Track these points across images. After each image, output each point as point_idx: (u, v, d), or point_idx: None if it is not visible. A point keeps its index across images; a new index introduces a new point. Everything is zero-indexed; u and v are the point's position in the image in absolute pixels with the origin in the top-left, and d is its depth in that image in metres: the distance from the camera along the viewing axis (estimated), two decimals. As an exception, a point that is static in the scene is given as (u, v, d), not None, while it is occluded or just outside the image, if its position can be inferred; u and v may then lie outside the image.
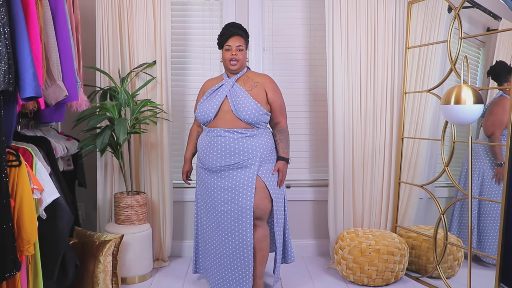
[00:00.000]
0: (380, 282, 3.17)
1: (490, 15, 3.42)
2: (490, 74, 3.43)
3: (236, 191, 2.87)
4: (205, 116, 2.94)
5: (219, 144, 2.88)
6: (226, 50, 2.95)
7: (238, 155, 2.87)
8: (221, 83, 3.00)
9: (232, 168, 2.88)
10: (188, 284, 3.25)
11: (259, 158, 2.88)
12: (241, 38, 2.96)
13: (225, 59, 2.97)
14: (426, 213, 3.86)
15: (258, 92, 2.93)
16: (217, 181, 2.92)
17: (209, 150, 2.92)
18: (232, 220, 2.88)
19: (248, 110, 2.86)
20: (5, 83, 1.94)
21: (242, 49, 2.95)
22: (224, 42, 2.96)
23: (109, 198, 3.52)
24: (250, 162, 2.87)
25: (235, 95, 2.92)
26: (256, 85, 2.96)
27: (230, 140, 2.87)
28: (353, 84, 3.52)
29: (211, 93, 2.99)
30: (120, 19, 3.44)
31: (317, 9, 3.77)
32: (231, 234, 2.88)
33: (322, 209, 3.81)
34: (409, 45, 3.48)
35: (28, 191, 2.15)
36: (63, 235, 2.50)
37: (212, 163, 2.91)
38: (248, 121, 2.88)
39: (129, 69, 3.45)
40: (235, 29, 2.96)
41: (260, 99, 2.92)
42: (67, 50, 2.70)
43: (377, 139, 3.57)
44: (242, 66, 2.99)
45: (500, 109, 3.28)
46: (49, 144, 2.75)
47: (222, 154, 2.88)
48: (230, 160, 2.87)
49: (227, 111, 2.90)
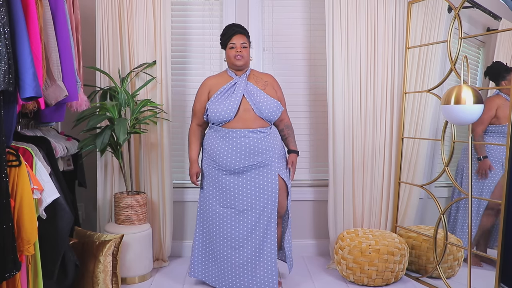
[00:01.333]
0: (380, 282, 3.17)
1: (490, 15, 3.42)
2: (488, 74, 3.45)
3: (261, 191, 2.92)
4: (224, 116, 2.91)
5: (244, 145, 2.91)
6: (230, 48, 3.00)
7: (261, 154, 2.93)
8: (233, 82, 3.01)
9: (254, 167, 2.93)
10: (188, 284, 3.25)
11: (277, 155, 2.99)
12: (244, 36, 3.02)
13: (229, 56, 3.01)
14: (426, 213, 3.86)
15: (270, 90, 3.04)
16: (237, 181, 2.94)
17: (228, 150, 2.91)
18: (254, 219, 2.92)
19: (270, 108, 2.95)
20: (5, 83, 1.94)
21: (246, 46, 3.01)
22: (228, 41, 3.01)
23: (109, 198, 3.52)
24: (271, 159, 2.95)
25: (252, 94, 2.97)
26: (267, 84, 3.06)
27: (254, 141, 2.92)
28: (353, 84, 3.53)
29: (225, 92, 2.98)
30: (120, 19, 3.44)
31: (317, 9, 3.77)
32: (253, 233, 2.92)
33: (322, 209, 3.81)
34: (409, 45, 3.48)
35: (28, 191, 2.15)
36: (63, 235, 2.50)
37: (234, 164, 2.91)
38: (269, 118, 2.97)
39: (129, 69, 3.45)
40: (238, 28, 3.03)
41: (274, 97, 3.03)
42: (67, 50, 2.70)
43: (377, 139, 3.57)
44: (247, 63, 3.05)
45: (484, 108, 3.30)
46: (49, 144, 2.75)
47: (246, 154, 2.91)
48: (254, 160, 2.92)
49: (247, 109, 2.94)
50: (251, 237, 2.93)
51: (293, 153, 3.09)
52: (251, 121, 2.93)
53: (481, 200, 3.35)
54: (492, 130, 3.36)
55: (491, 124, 3.34)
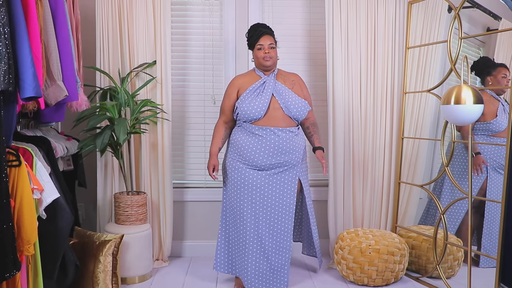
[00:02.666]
0: (380, 282, 3.17)
1: (490, 15, 3.42)
2: (474, 69, 3.45)
3: (282, 190, 3.02)
4: (255, 114, 2.99)
5: (273, 143, 2.99)
6: (258, 49, 3.06)
7: (287, 153, 3.01)
8: (262, 81, 3.08)
9: (279, 165, 3.01)
10: (188, 284, 3.25)
11: (302, 156, 3.09)
12: (271, 37, 3.10)
13: (258, 57, 3.07)
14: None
15: (298, 89, 3.12)
16: (264, 178, 3.02)
17: (259, 148, 3.00)
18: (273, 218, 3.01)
19: (298, 107, 3.03)
20: (5, 83, 1.94)
21: (273, 46, 3.08)
22: (255, 42, 3.07)
23: (109, 198, 3.52)
24: (296, 160, 3.05)
25: (281, 93, 3.04)
26: (294, 83, 3.13)
27: (283, 139, 2.99)
28: (353, 84, 3.53)
29: (254, 91, 3.05)
30: (120, 19, 3.44)
31: (317, 9, 3.77)
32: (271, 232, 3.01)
33: (322, 209, 3.81)
34: (409, 45, 3.48)
35: (28, 191, 2.15)
36: (63, 235, 2.50)
37: (262, 161, 3.00)
38: (297, 117, 3.05)
39: (129, 69, 3.45)
40: (264, 28, 3.10)
41: (301, 96, 3.09)
42: (67, 50, 2.70)
43: (377, 139, 3.57)
44: (275, 63, 3.12)
45: None
46: (49, 144, 2.75)
47: (274, 152, 2.99)
48: (280, 158, 3.00)
49: (276, 108, 3.02)
50: (269, 233, 3.02)
51: (319, 149, 3.15)
52: (280, 119, 3.01)
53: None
54: (478, 127, 3.36)
55: (477, 121, 3.33)
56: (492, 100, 3.33)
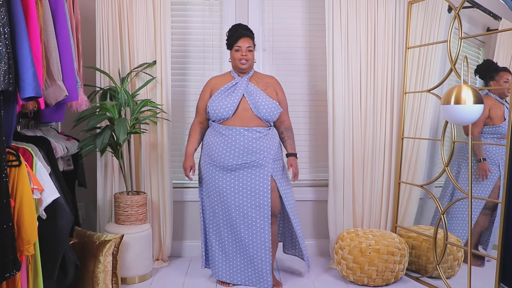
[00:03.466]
0: (380, 282, 3.17)
1: (490, 15, 3.42)
2: (478, 72, 3.45)
3: (253, 190, 3.00)
4: (223, 113, 3.01)
5: (237, 143, 2.99)
6: (236, 50, 3.07)
7: (255, 153, 3.00)
8: (234, 82, 3.09)
9: (247, 166, 3.00)
10: (188, 284, 3.25)
11: (272, 157, 3.04)
12: (250, 39, 3.10)
13: (234, 58, 3.08)
14: (426, 213, 3.86)
15: (271, 91, 3.10)
16: (230, 179, 3.02)
17: (225, 148, 3.01)
18: (248, 218, 3.01)
19: (268, 108, 3.02)
20: (5, 83, 1.94)
21: (251, 49, 3.09)
22: (234, 43, 3.07)
23: (109, 198, 3.52)
24: (265, 160, 3.01)
25: (252, 94, 3.04)
26: (268, 85, 3.12)
27: (249, 139, 2.99)
28: (353, 84, 3.53)
29: (225, 91, 3.07)
30: (120, 19, 3.44)
31: (317, 9, 3.77)
32: (250, 231, 3.01)
33: (322, 209, 3.81)
34: (409, 45, 3.48)
35: (28, 191, 2.15)
36: (63, 235, 2.50)
37: (228, 161, 3.00)
38: (267, 118, 3.03)
39: (129, 69, 3.45)
40: (244, 30, 3.10)
41: (274, 98, 3.08)
42: (67, 50, 2.70)
43: (377, 139, 3.57)
44: (251, 66, 3.12)
45: None
46: (49, 144, 2.75)
47: (240, 152, 2.99)
48: (247, 158, 2.99)
49: (245, 109, 3.03)
50: (246, 236, 3.02)
51: (292, 156, 3.14)
52: (248, 120, 3.02)
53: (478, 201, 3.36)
54: (487, 131, 3.37)
55: (486, 125, 3.35)
56: (498, 104, 3.35)
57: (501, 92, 3.36)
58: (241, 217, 3.02)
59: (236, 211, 3.02)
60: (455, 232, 3.45)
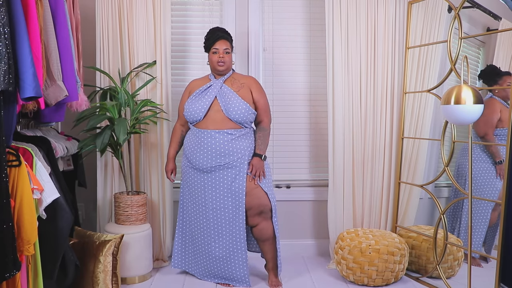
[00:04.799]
0: (380, 282, 3.17)
1: (490, 15, 3.42)
2: (481, 77, 3.48)
3: (228, 191, 3.02)
4: (194, 115, 3.05)
5: (209, 146, 3.02)
6: (213, 53, 3.11)
7: (228, 155, 3.01)
8: (209, 84, 3.13)
9: (222, 168, 3.02)
10: (188, 284, 3.25)
11: (247, 157, 3.05)
12: (227, 42, 3.13)
13: (212, 61, 3.12)
14: (426, 213, 3.86)
15: (245, 92, 3.09)
16: (206, 181, 3.06)
17: (198, 150, 3.05)
18: (224, 219, 3.05)
19: (238, 110, 3.01)
20: (5, 83, 1.94)
21: (228, 52, 3.12)
22: (211, 45, 3.12)
23: (109, 198, 3.52)
24: (240, 161, 3.02)
25: (224, 96, 3.06)
26: (243, 85, 3.12)
27: (220, 142, 3.01)
28: (353, 84, 3.53)
29: (200, 93, 3.11)
30: (120, 19, 3.44)
31: (317, 9, 3.77)
32: (225, 232, 3.06)
33: (322, 209, 3.81)
34: (409, 45, 3.48)
35: (28, 191, 2.15)
36: (63, 235, 2.50)
37: (201, 163, 3.04)
38: (238, 120, 3.02)
39: (129, 69, 3.45)
40: (221, 33, 3.13)
41: (248, 99, 3.07)
42: (67, 50, 2.70)
43: (377, 139, 3.57)
44: (229, 68, 3.15)
45: (489, 110, 3.35)
46: (49, 144, 2.75)
47: (212, 155, 3.02)
48: (220, 161, 3.02)
49: (217, 111, 3.04)
50: (222, 235, 3.07)
51: (256, 157, 3.08)
52: (219, 122, 3.04)
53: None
54: (500, 133, 3.38)
55: (497, 127, 3.37)
56: (504, 107, 3.36)
57: (505, 95, 3.37)
58: (216, 217, 3.06)
59: (213, 212, 3.06)
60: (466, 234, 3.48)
